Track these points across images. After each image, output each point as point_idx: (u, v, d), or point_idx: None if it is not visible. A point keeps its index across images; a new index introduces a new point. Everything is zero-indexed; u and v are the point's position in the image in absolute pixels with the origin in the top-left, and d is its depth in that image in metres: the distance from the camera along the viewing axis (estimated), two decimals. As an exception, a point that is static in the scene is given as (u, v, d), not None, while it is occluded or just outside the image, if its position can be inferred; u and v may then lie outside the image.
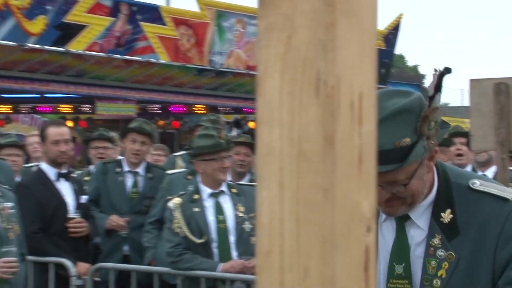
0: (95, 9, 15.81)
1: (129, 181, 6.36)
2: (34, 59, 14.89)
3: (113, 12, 16.14)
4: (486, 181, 2.34)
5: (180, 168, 6.78)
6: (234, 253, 5.31)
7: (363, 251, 0.89)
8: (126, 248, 6.25)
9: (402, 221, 2.39)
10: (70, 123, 15.71)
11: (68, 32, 15.39)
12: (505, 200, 2.25)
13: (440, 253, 2.32)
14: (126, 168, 6.36)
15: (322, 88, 0.87)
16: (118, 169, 6.36)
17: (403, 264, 2.38)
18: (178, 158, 7.27)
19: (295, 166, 0.88)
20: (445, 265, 2.32)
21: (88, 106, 18.27)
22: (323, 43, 0.87)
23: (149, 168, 6.44)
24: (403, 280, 2.38)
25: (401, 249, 2.39)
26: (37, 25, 14.95)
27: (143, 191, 6.34)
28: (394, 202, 2.31)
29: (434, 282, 2.33)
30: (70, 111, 18.70)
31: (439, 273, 2.32)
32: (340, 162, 0.88)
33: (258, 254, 0.90)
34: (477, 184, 2.28)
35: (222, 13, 18.16)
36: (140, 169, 6.38)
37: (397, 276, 2.39)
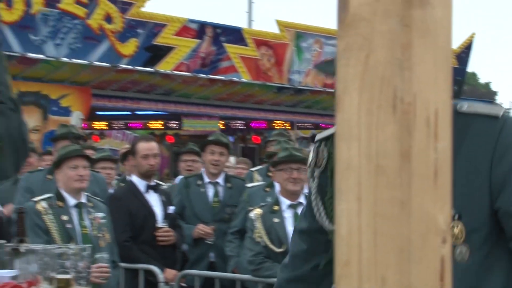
0: (182, 32, 16.06)
1: (210, 191, 6.41)
2: (126, 79, 15.19)
3: (199, 34, 16.36)
4: (474, 103, 2.10)
5: (257, 182, 6.82)
6: (312, 262, 5.29)
7: (439, 261, 0.88)
8: (212, 255, 6.30)
9: None
10: (158, 139, 15.95)
11: (157, 53, 15.66)
12: (495, 117, 2.00)
13: None
14: (206, 179, 6.42)
15: (399, 106, 0.87)
16: (199, 182, 6.42)
17: None
18: (255, 173, 7.33)
19: (373, 180, 0.87)
20: None
21: (175, 122, 18.52)
22: (399, 62, 0.86)
23: (228, 178, 6.49)
24: None
25: None
26: (129, 47, 15.26)
27: (223, 200, 6.38)
28: None
29: None
30: (158, 127, 18.98)
31: None
32: (416, 176, 0.87)
33: (337, 264, 0.89)
34: (464, 106, 2.03)
35: (300, 34, 18.20)
36: (220, 180, 6.44)
37: None
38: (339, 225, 0.89)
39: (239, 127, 19.51)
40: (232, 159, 8.37)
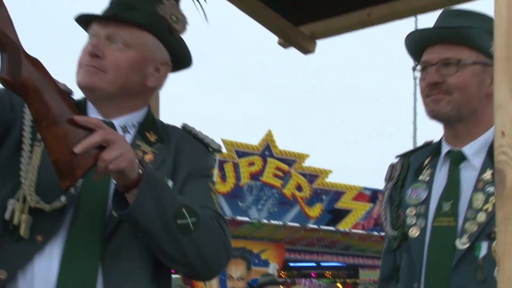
0: (358, 197, 16.07)
1: None
2: (312, 236, 15.25)
3: (372, 199, 16.30)
4: None
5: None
6: None
7: None
8: None
9: (457, 161, 1.86)
10: (339, 286, 15.67)
11: (338, 215, 15.70)
12: None
13: (489, 188, 1.77)
14: None
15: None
16: None
17: (451, 201, 1.82)
18: None
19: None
20: (493, 199, 1.77)
21: (353, 272, 18.16)
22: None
23: None
24: (449, 217, 1.81)
25: (451, 187, 1.84)
26: (315, 210, 15.44)
27: None
28: (439, 95, 1.83)
29: (478, 216, 1.76)
30: (339, 277, 18.65)
31: (485, 207, 1.76)
32: None
33: None
34: None
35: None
36: None
37: (443, 213, 1.82)
38: None
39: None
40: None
